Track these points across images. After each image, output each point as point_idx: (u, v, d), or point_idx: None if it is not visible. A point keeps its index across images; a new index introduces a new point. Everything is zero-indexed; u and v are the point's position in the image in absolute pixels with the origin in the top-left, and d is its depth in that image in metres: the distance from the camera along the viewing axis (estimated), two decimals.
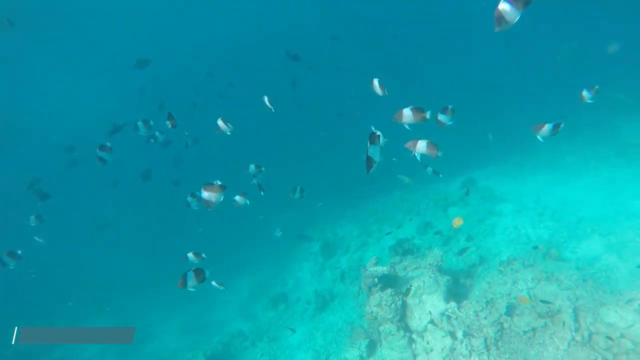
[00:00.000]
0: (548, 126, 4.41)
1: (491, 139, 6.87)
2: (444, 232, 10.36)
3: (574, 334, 5.80)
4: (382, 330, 7.14)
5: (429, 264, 7.55)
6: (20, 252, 6.44)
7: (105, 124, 9.38)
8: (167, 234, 14.73)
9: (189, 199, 6.65)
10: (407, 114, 4.35)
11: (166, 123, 7.21)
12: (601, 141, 14.41)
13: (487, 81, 23.04)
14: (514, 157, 16.11)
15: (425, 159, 5.19)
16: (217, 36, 29.43)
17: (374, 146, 3.52)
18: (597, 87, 5.98)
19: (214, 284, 6.56)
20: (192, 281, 4.67)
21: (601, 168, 12.35)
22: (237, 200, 6.98)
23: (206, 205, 4.82)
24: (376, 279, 6.95)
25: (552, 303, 6.17)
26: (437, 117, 5.41)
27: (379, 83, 4.68)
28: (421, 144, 4.11)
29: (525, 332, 6.20)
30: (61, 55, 24.24)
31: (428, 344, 6.54)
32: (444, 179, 14.87)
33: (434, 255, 7.68)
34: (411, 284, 7.12)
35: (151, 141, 9.50)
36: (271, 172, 7.60)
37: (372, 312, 7.01)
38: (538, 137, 4.49)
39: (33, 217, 7.60)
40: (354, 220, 13.98)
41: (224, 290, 14.26)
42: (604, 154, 13.18)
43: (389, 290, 6.90)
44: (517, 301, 6.54)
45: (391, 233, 11.09)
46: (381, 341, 7.37)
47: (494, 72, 23.94)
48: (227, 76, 17.79)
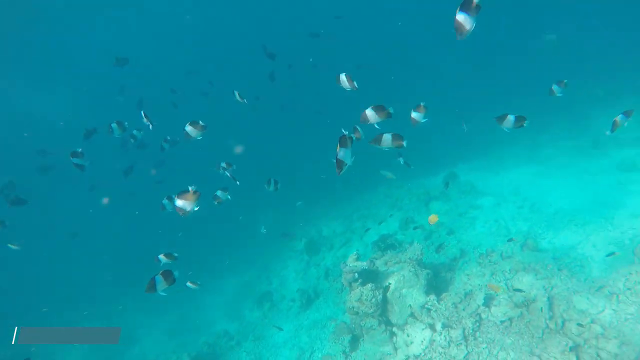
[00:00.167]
0: (510, 118, 4.50)
1: (465, 129, 6.97)
2: (425, 227, 10.47)
3: (548, 321, 5.93)
4: (363, 325, 7.21)
5: (409, 258, 7.62)
6: None
7: (80, 127, 9.16)
8: (148, 237, 14.55)
9: (165, 201, 6.44)
10: (371, 114, 4.37)
11: (144, 122, 7.11)
12: (579, 133, 14.73)
13: (469, 76, 23.27)
14: (495, 151, 16.36)
15: (402, 151, 5.27)
16: (199, 33, 29.16)
17: (344, 149, 3.49)
18: (566, 82, 6.16)
19: (189, 284, 6.40)
20: (161, 284, 4.39)
21: (578, 159, 12.63)
22: (219, 196, 6.99)
23: (180, 213, 4.75)
24: (356, 274, 7.00)
25: (525, 291, 6.30)
26: (410, 115, 5.46)
27: (347, 77, 4.63)
28: (386, 137, 4.11)
29: (502, 322, 6.32)
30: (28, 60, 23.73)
31: (408, 336, 6.63)
32: (426, 174, 15.10)
33: (414, 250, 7.76)
34: (391, 279, 7.19)
35: (131, 141, 9.35)
36: (255, 171, 7.59)
37: (353, 307, 7.06)
38: (503, 128, 4.57)
39: None
40: (339, 217, 14.03)
41: (209, 291, 14.26)
42: (581, 145, 13.48)
43: (369, 285, 6.96)
44: (489, 289, 6.70)
45: (370, 230, 11.18)
46: (363, 336, 7.44)
47: (475, 67, 24.17)
48: (209, 74, 17.65)
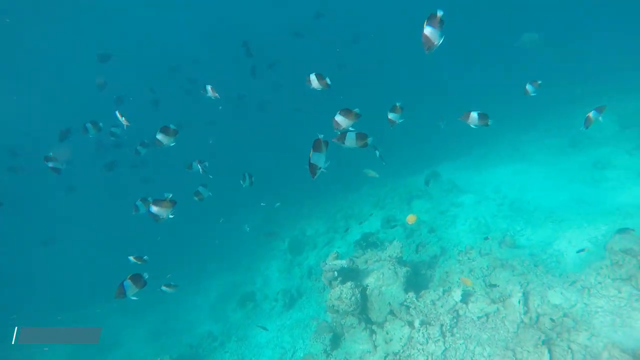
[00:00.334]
0: (474, 115, 4.59)
1: (442, 127, 7.04)
2: (407, 225, 10.55)
3: (523, 316, 6.03)
4: (344, 324, 7.25)
5: (389, 256, 7.68)
6: None
7: (57, 127, 8.96)
8: (128, 238, 14.35)
9: (138, 202, 6.26)
10: (341, 119, 4.39)
11: (120, 122, 7.02)
12: (558, 132, 15.01)
13: (453, 76, 23.52)
14: (478, 150, 16.58)
15: (378, 145, 5.30)
16: (180, 30, 28.89)
17: (317, 153, 3.50)
18: (540, 82, 6.35)
19: (164, 288, 6.25)
20: (131, 289, 4.30)
21: (557, 157, 12.88)
22: (200, 192, 7.02)
23: (154, 220, 4.70)
24: (336, 273, 7.03)
25: (499, 286, 6.42)
26: (387, 116, 5.53)
27: (318, 76, 4.57)
28: (350, 135, 4.10)
29: (479, 318, 6.41)
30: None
31: (387, 334, 6.68)
32: (410, 173, 15.20)
33: (394, 247, 7.83)
34: (371, 277, 7.24)
35: (111, 138, 9.18)
36: (239, 172, 7.55)
37: (333, 305, 7.08)
38: (470, 125, 4.65)
39: None
40: (323, 216, 14.05)
41: (194, 292, 14.12)
42: (560, 144, 13.74)
43: (349, 284, 6.99)
44: (461, 282, 6.83)
45: (350, 229, 11.28)
46: (344, 334, 7.46)
47: (458, 68, 24.44)
48: (191, 71, 17.49)
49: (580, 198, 9.80)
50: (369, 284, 7.16)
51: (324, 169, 3.63)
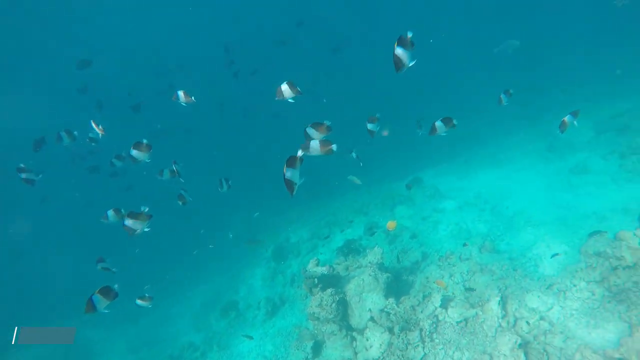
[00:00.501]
0: (438, 124, 4.68)
1: (420, 134, 7.07)
2: (389, 232, 10.58)
3: (500, 320, 6.07)
4: (325, 331, 7.19)
5: (370, 262, 7.68)
6: None
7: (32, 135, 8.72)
8: (105, 249, 14.07)
9: (109, 212, 5.84)
10: (312, 131, 4.41)
11: (95, 131, 6.89)
12: (538, 137, 15.29)
13: (435, 84, 23.85)
14: (462, 155, 16.79)
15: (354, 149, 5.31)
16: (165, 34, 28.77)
17: (291, 169, 3.48)
18: (512, 91, 6.60)
19: (139, 302, 5.97)
20: (101, 303, 4.06)
21: (536, 162, 13.11)
22: (184, 195, 7.07)
23: (128, 233, 4.57)
24: (316, 280, 6.99)
25: (475, 290, 6.47)
26: (366, 127, 5.67)
27: (289, 85, 4.46)
28: (314, 143, 3.99)
29: (458, 323, 6.42)
30: None
31: (367, 340, 6.65)
32: (394, 179, 15.29)
33: (375, 254, 7.83)
34: (352, 283, 7.22)
35: (92, 145, 8.93)
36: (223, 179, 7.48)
37: (313, 313, 7.03)
38: (441, 134, 4.73)
39: None
40: (307, 224, 14.01)
41: (177, 301, 13.86)
42: (539, 148, 14.00)
43: (329, 290, 6.95)
44: (436, 284, 6.88)
45: (330, 237, 11.32)
46: (325, 341, 7.41)
47: (444, 75, 24.82)
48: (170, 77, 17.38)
49: (559, 202, 9.98)
50: (349, 290, 7.13)
51: (300, 185, 3.62)
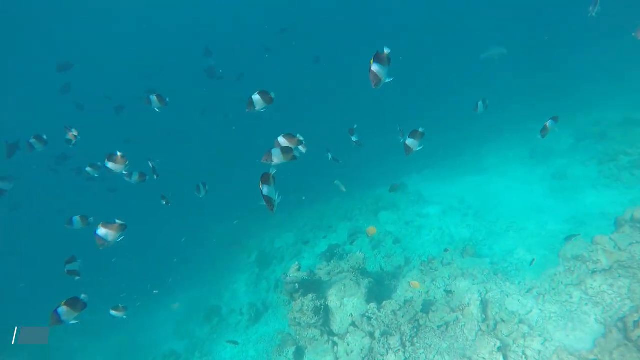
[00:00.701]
0: (411, 141, 4.76)
1: (402, 140, 7.13)
2: (374, 237, 10.57)
3: (481, 324, 6.09)
4: (306, 336, 7.11)
5: (351, 267, 7.64)
6: None
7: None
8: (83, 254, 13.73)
9: (75, 218, 5.46)
10: (282, 140, 4.41)
11: (66, 136, 6.72)
12: (521, 144, 15.52)
13: (422, 89, 24.06)
14: (446, 161, 16.90)
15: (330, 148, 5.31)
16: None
17: (267, 186, 3.50)
18: (488, 102, 6.73)
19: (113, 312, 5.68)
20: (67, 315, 3.83)
21: (518, 168, 13.29)
22: (166, 198, 7.16)
23: (99, 243, 4.39)
24: (297, 285, 6.92)
25: (457, 294, 6.49)
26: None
27: (262, 96, 4.27)
28: (275, 152, 3.97)
29: (439, 327, 6.41)
30: None
31: (348, 345, 6.59)
32: (378, 185, 15.32)
33: (356, 259, 7.79)
34: (333, 288, 7.17)
35: (69, 146, 8.70)
36: (207, 185, 7.42)
37: (295, 318, 6.96)
38: (416, 149, 4.81)
39: None
40: (292, 228, 13.91)
41: (159, 308, 13.56)
42: (521, 155, 14.21)
43: (310, 296, 6.89)
44: (410, 285, 6.97)
45: (308, 242, 11.30)
46: (307, 347, 7.32)
47: (430, 81, 25.04)
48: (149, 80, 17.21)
49: (540, 208, 10.12)
50: (330, 295, 7.08)
51: (279, 201, 3.65)
